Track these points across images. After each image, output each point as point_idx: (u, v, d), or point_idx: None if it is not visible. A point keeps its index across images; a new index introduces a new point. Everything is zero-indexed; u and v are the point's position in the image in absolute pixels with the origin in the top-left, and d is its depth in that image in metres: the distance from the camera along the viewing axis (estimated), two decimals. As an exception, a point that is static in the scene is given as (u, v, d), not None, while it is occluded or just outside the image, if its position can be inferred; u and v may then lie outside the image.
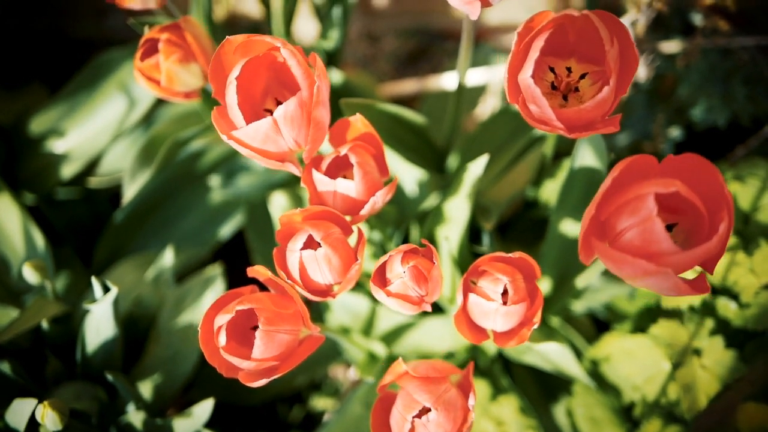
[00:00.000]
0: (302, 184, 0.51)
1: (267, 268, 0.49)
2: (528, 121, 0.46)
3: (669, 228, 0.46)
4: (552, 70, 0.49)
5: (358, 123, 0.52)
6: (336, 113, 0.79)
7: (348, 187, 0.50)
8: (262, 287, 0.51)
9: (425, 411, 0.48)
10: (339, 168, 0.52)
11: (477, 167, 0.58)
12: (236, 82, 0.46)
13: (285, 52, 0.46)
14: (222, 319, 0.46)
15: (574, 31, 0.47)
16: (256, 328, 0.46)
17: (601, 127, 0.45)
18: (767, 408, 0.55)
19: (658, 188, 0.40)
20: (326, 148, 0.63)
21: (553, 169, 0.73)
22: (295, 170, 0.49)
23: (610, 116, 0.45)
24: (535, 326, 0.48)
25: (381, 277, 0.50)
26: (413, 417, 0.48)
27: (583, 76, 0.49)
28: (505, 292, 0.49)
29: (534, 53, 0.44)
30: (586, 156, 0.57)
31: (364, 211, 0.50)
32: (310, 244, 0.48)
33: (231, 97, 0.47)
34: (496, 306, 0.48)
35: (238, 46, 0.47)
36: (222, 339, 0.46)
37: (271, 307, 0.47)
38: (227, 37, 0.47)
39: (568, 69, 0.49)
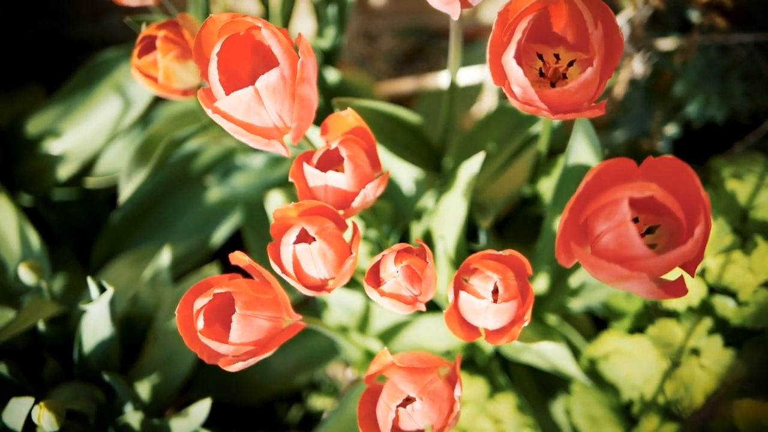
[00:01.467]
0: (290, 179, 0.50)
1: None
2: (512, 103, 0.46)
3: (652, 230, 0.46)
4: (540, 57, 0.49)
5: (350, 117, 0.52)
6: (332, 112, 0.79)
7: (339, 180, 0.50)
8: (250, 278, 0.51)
9: (410, 401, 0.48)
10: (330, 162, 0.52)
11: (473, 165, 0.58)
12: (217, 58, 0.46)
13: (265, 32, 0.46)
14: (200, 303, 0.46)
15: (563, 18, 0.47)
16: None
17: (587, 111, 0.44)
18: (764, 405, 0.55)
19: (632, 192, 0.40)
20: (318, 143, 0.62)
21: (549, 166, 0.73)
22: (283, 151, 0.48)
23: (597, 101, 0.45)
24: (526, 323, 0.48)
25: (374, 276, 0.50)
26: (397, 406, 0.48)
27: (571, 63, 0.49)
28: (496, 290, 0.49)
29: (518, 35, 0.44)
30: (580, 152, 0.57)
31: (356, 203, 0.50)
32: (305, 238, 0.48)
33: (213, 73, 0.46)
34: (487, 304, 0.48)
35: (222, 27, 0.47)
36: (200, 323, 0.46)
37: (250, 292, 0.47)
38: (210, 15, 0.47)
39: (557, 56, 0.49)
